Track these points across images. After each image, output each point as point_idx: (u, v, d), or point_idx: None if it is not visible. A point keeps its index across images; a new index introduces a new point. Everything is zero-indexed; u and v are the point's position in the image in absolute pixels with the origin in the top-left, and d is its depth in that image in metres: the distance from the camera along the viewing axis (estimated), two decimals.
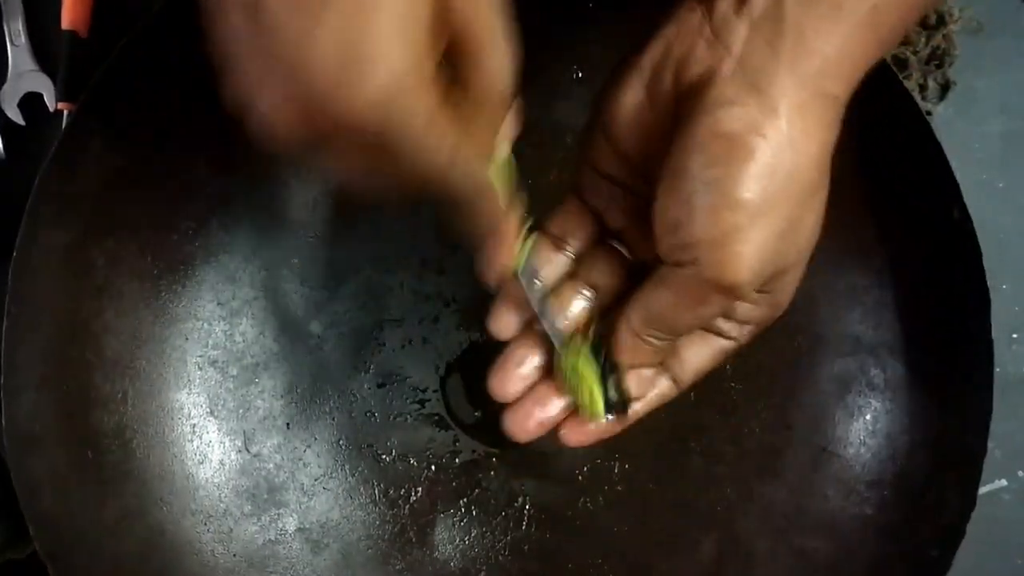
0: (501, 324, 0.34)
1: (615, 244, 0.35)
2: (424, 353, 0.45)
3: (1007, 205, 0.46)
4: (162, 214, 0.43)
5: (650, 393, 0.34)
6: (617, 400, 0.32)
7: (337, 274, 0.45)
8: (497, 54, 0.27)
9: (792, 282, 0.31)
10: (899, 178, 0.41)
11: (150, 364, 0.43)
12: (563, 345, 0.33)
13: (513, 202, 0.31)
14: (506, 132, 0.31)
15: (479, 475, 0.45)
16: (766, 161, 0.27)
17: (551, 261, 0.34)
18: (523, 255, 0.32)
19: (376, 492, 0.45)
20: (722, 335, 0.33)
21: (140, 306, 0.43)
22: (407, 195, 0.28)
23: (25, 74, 0.46)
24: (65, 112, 0.45)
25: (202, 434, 0.44)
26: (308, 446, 0.45)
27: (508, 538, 0.44)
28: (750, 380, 0.44)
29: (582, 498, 0.44)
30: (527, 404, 0.34)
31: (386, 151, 0.26)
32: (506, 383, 0.34)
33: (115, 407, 0.42)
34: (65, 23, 0.45)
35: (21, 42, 0.46)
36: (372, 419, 0.45)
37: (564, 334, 0.33)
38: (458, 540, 0.44)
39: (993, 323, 0.38)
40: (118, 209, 0.42)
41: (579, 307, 0.34)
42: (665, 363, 0.33)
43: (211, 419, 0.44)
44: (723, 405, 0.44)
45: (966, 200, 0.38)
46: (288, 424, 0.45)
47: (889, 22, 0.28)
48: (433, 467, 0.45)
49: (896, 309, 0.42)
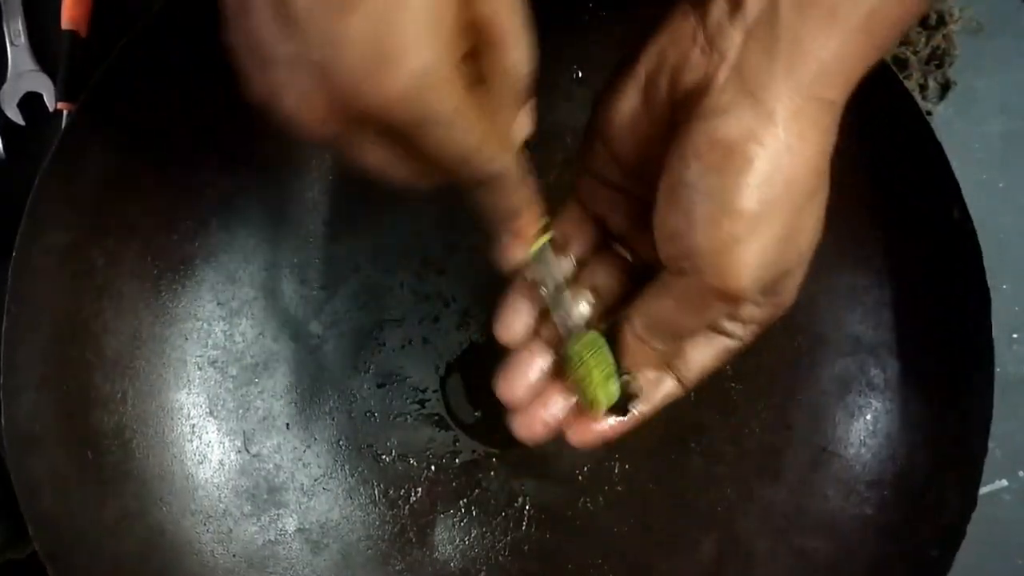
0: (507, 328, 0.34)
1: (617, 248, 0.35)
2: (424, 353, 0.45)
3: (1007, 205, 0.46)
4: (162, 214, 0.43)
5: (655, 394, 0.34)
6: (621, 396, 0.32)
7: (337, 274, 0.45)
8: (517, 48, 0.27)
9: (795, 283, 0.31)
10: (899, 178, 0.41)
11: (150, 364, 0.43)
12: (573, 337, 0.33)
13: (531, 193, 0.31)
14: (522, 125, 0.31)
15: (479, 475, 0.45)
16: (764, 169, 0.27)
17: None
18: (539, 245, 0.32)
19: (376, 492, 0.45)
20: (726, 335, 0.33)
21: (140, 306, 0.43)
22: (431, 184, 0.29)
23: (25, 74, 0.46)
24: (65, 112, 0.45)
25: (202, 434, 0.44)
26: (308, 446, 0.45)
27: (508, 538, 0.44)
28: (750, 380, 0.44)
29: (582, 498, 0.44)
30: (534, 406, 0.34)
31: (414, 142, 0.26)
32: (513, 387, 0.34)
33: (115, 407, 0.42)
34: (65, 23, 0.45)
35: (21, 42, 0.46)
36: (372, 419, 0.45)
37: (575, 326, 0.33)
38: (458, 540, 0.44)
39: (993, 323, 0.38)
40: (118, 209, 0.42)
41: (583, 311, 0.35)
42: (670, 363, 0.33)
43: (211, 419, 0.44)
44: (723, 405, 0.44)
45: (966, 200, 0.38)
46: (288, 424, 0.45)
47: (885, 27, 0.28)
48: (433, 467, 0.45)
49: (896, 309, 0.42)
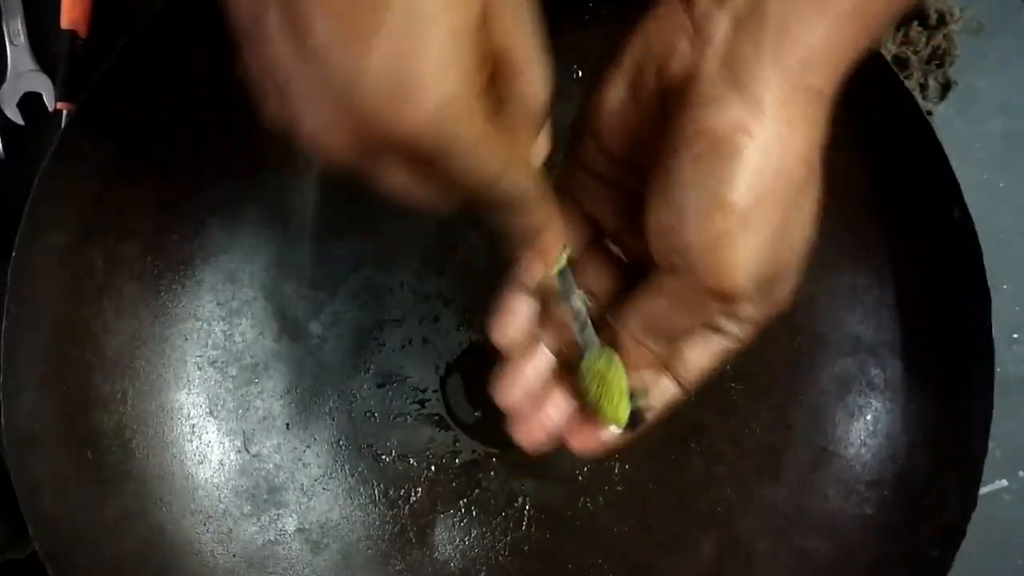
0: (504, 331, 0.34)
1: (610, 246, 0.34)
2: (424, 353, 0.45)
3: (1008, 205, 0.46)
4: (162, 214, 0.43)
5: (655, 397, 0.33)
6: (633, 413, 0.32)
7: (337, 274, 0.45)
8: (535, 75, 0.28)
9: (790, 280, 0.31)
10: (899, 178, 0.40)
11: (150, 364, 0.43)
12: (590, 353, 0.32)
13: (551, 213, 0.31)
14: (540, 148, 0.31)
15: (479, 475, 0.45)
16: (753, 160, 0.26)
17: None
18: (561, 263, 0.32)
19: (376, 492, 0.45)
20: (724, 334, 0.32)
21: (140, 306, 0.43)
22: (451, 206, 0.29)
23: (24, 74, 0.46)
24: (64, 112, 0.45)
25: (202, 434, 0.44)
26: (308, 446, 0.45)
27: (508, 538, 0.44)
28: (750, 380, 0.44)
29: (582, 498, 0.44)
30: (534, 412, 0.33)
31: (436, 168, 0.26)
32: (512, 393, 0.34)
33: (115, 407, 0.42)
34: (65, 23, 0.45)
35: (21, 42, 0.46)
36: (372, 419, 0.45)
37: (593, 342, 0.32)
38: (458, 540, 0.44)
39: (993, 323, 0.38)
40: (118, 209, 0.42)
41: (563, 280, 0.34)
42: (668, 365, 0.33)
43: (211, 419, 0.44)
44: (723, 405, 0.44)
45: (966, 200, 0.38)
46: (288, 424, 0.45)
47: (874, 13, 0.27)
48: (433, 467, 0.45)
49: (896, 309, 0.42)
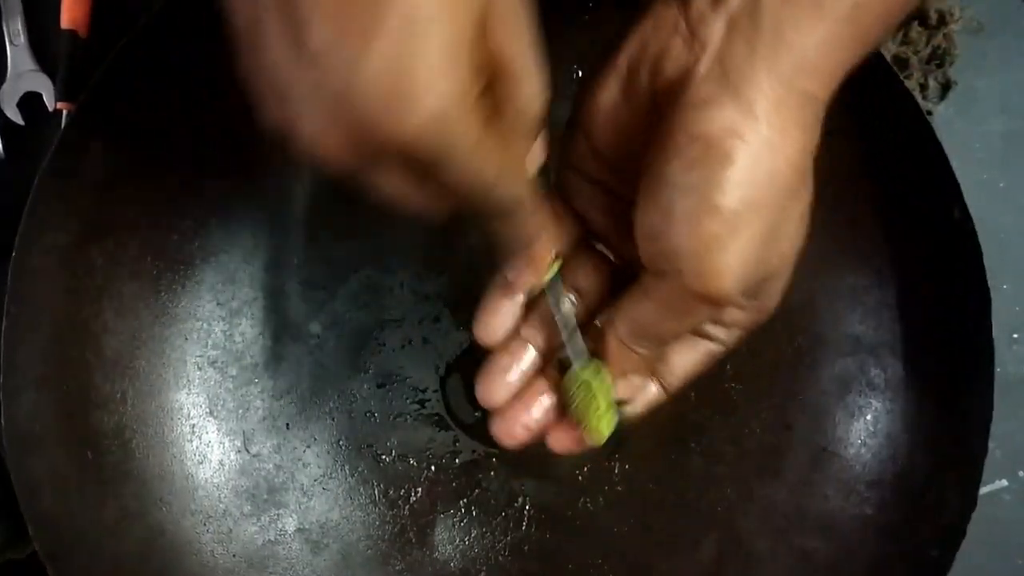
0: (488, 330, 0.34)
1: (598, 247, 0.34)
2: (424, 353, 0.45)
3: (1008, 205, 0.46)
4: (162, 214, 0.43)
5: (639, 400, 0.33)
6: (618, 424, 0.33)
7: (337, 274, 0.45)
8: (531, 83, 0.27)
9: (779, 286, 0.30)
10: (899, 178, 0.40)
11: (150, 364, 0.43)
12: (579, 363, 0.32)
13: (544, 222, 0.31)
14: (535, 156, 0.31)
15: (479, 475, 0.45)
16: (744, 164, 0.26)
17: None
18: (552, 271, 0.32)
19: (376, 492, 0.45)
20: (710, 339, 0.32)
21: (140, 306, 0.43)
22: (446, 213, 0.29)
23: (24, 74, 0.46)
24: (64, 112, 0.45)
25: (202, 434, 0.44)
26: (308, 446, 0.45)
27: (508, 538, 0.44)
28: (750, 380, 0.44)
29: (582, 498, 0.44)
30: (514, 409, 0.34)
31: (432, 173, 0.26)
32: (493, 389, 0.34)
33: (115, 407, 0.42)
34: (65, 23, 0.45)
35: (21, 42, 0.46)
36: (372, 419, 0.45)
37: (582, 353, 0.33)
38: (458, 540, 0.44)
39: (993, 323, 0.38)
40: (118, 209, 0.42)
41: (554, 289, 0.34)
42: (654, 368, 0.33)
43: (211, 419, 0.44)
44: (723, 405, 0.44)
45: (966, 200, 0.38)
46: (288, 424, 0.45)
47: (871, 20, 0.27)
48: (433, 467, 0.45)
49: (896, 309, 0.42)
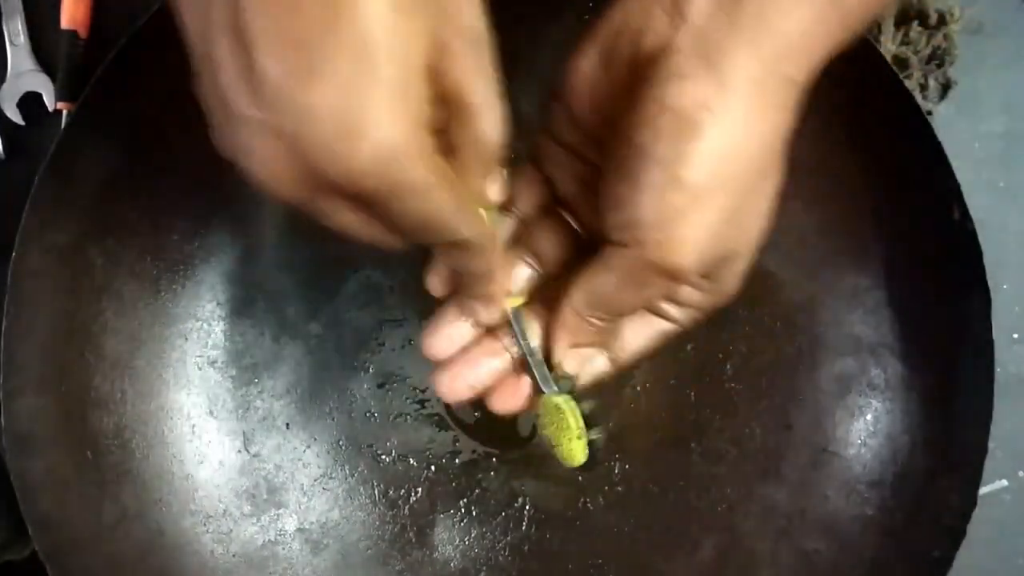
0: (437, 281, 0.34)
1: (565, 215, 0.34)
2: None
3: (1008, 205, 0.46)
4: (162, 214, 0.43)
5: (586, 370, 0.33)
6: (595, 448, 0.33)
7: (337, 274, 0.45)
8: (487, 118, 0.27)
9: (738, 270, 0.30)
10: (899, 178, 0.40)
11: (149, 364, 0.43)
12: (547, 397, 0.33)
13: (501, 258, 0.32)
14: (494, 191, 0.31)
15: (479, 475, 0.45)
16: (714, 139, 0.26)
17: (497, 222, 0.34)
18: (511, 308, 0.33)
19: (376, 492, 0.45)
20: (665, 317, 0.32)
21: (140, 306, 0.43)
22: (401, 246, 0.29)
23: (24, 74, 0.46)
24: (64, 112, 0.45)
25: (201, 434, 0.44)
26: (308, 446, 0.45)
27: (508, 538, 0.44)
28: (750, 380, 0.44)
29: (582, 498, 0.44)
30: (458, 365, 0.34)
31: (383, 207, 0.26)
32: (438, 341, 0.34)
33: (114, 407, 0.42)
34: (65, 23, 0.45)
35: (20, 42, 0.46)
36: (372, 419, 0.45)
37: (549, 388, 0.33)
38: (458, 540, 0.44)
39: (993, 323, 0.38)
40: (117, 209, 0.41)
41: (522, 275, 0.34)
42: (605, 341, 0.33)
43: (211, 419, 0.44)
44: (723, 405, 0.44)
45: (966, 200, 0.38)
46: (288, 424, 0.45)
47: (854, 6, 0.27)
48: (433, 467, 0.45)
49: (896, 309, 0.42)
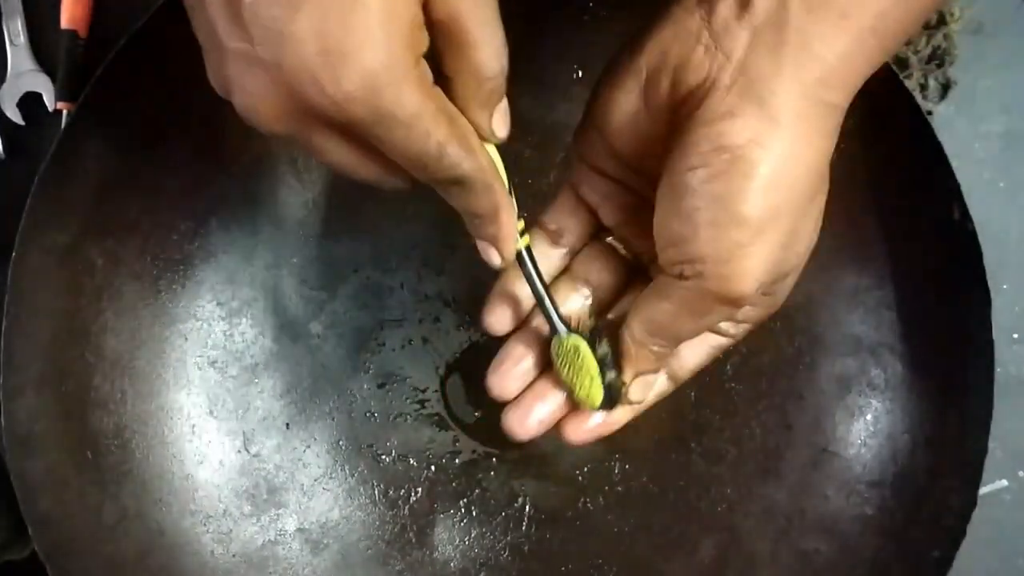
0: (497, 318, 0.34)
1: (610, 241, 0.35)
2: (424, 353, 0.45)
3: (1008, 205, 0.46)
4: (162, 214, 0.43)
5: (650, 393, 0.34)
6: (607, 394, 0.32)
7: (337, 274, 0.45)
8: (485, 47, 0.27)
9: (791, 283, 0.31)
10: (899, 178, 0.40)
11: (149, 364, 0.43)
12: (562, 333, 0.32)
13: (505, 196, 0.31)
14: (497, 125, 0.30)
15: (479, 475, 0.45)
16: (769, 175, 0.27)
17: (547, 255, 0.34)
18: (519, 247, 0.32)
19: (376, 492, 0.45)
20: (720, 333, 0.33)
21: (140, 306, 0.43)
22: (398, 186, 0.28)
23: (24, 74, 0.46)
24: (64, 112, 0.45)
25: (201, 434, 0.44)
26: (308, 446, 0.45)
27: (508, 538, 0.44)
28: (750, 380, 0.44)
29: (582, 498, 0.44)
30: (527, 401, 0.33)
31: (373, 140, 0.26)
32: (506, 381, 0.34)
33: (114, 407, 0.42)
34: (65, 23, 0.45)
35: (20, 42, 0.46)
36: (372, 419, 0.45)
37: (559, 327, 0.32)
38: (458, 540, 0.44)
39: (993, 323, 0.38)
40: (117, 209, 0.41)
41: (576, 304, 0.34)
42: (665, 364, 0.33)
43: (211, 419, 0.44)
44: (723, 405, 0.44)
45: (966, 200, 0.38)
46: (288, 424, 0.45)
47: (893, 29, 0.28)
48: (433, 467, 0.45)
49: (896, 309, 0.42)
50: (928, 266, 0.41)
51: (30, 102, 0.46)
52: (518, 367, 0.34)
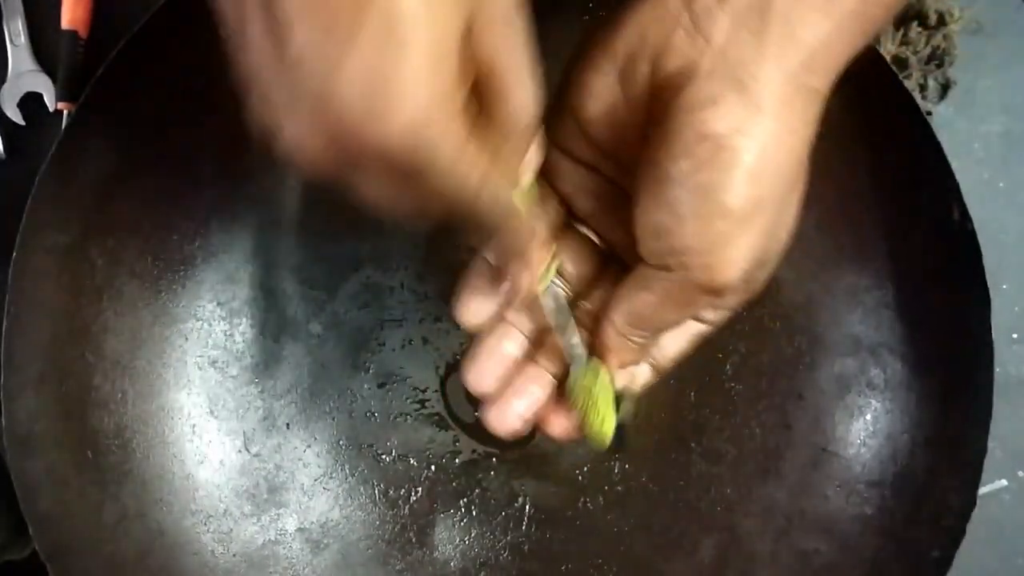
0: (470, 312, 0.33)
1: (582, 229, 0.34)
2: (424, 353, 0.45)
3: (1007, 205, 0.46)
4: (162, 214, 0.43)
5: (633, 383, 0.33)
6: (619, 425, 0.32)
7: (337, 274, 0.45)
8: (523, 88, 0.27)
9: (770, 269, 0.31)
10: (899, 178, 0.40)
11: (150, 364, 0.43)
12: (580, 367, 0.32)
13: (537, 227, 0.31)
14: (530, 161, 0.30)
15: (479, 475, 0.45)
16: (753, 164, 0.26)
17: None
18: (547, 277, 0.32)
19: (376, 492, 0.45)
20: (701, 321, 0.32)
21: (140, 306, 0.43)
22: (434, 220, 0.28)
23: (25, 74, 0.46)
24: (65, 112, 0.45)
25: (202, 434, 0.44)
26: (308, 446, 0.45)
27: (508, 538, 0.44)
28: (750, 380, 0.44)
29: (582, 498, 0.44)
30: (507, 397, 0.33)
31: (414, 179, 0.25)
32: (484, 376, 0.33)
33: (115, 407, 0.42)
34: (65, 23, 0.45)
35: (21, 42, 0.46)
36: (372, 419, 0.45)
37: (583, 356, 0.32)
38: (458, 540, 0.44)
39: (993, 323, 0.38)
40: (118, 209, 0.41)
41: (549, 295, 0.34)
42: (647, 353, 0.33)
43: (211, 419, 0.44)
44: (723, 405, 0.44)
45: (966, 200, 0.38)
46: (288, 424, 0.45)
47: (875, 12, 0.27)
48: (433, 467, 0.45)
49: (896, 309, 0.42)
50: (928, 266, 0.41)
51: (30, 102, 0.46)
52: (497, 362, 0.33)
